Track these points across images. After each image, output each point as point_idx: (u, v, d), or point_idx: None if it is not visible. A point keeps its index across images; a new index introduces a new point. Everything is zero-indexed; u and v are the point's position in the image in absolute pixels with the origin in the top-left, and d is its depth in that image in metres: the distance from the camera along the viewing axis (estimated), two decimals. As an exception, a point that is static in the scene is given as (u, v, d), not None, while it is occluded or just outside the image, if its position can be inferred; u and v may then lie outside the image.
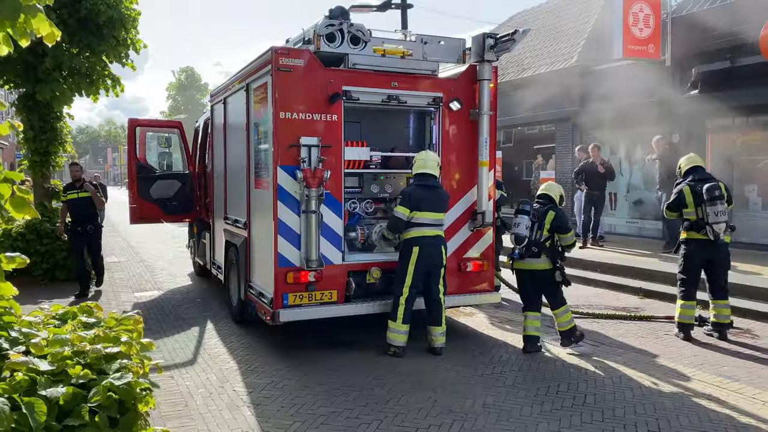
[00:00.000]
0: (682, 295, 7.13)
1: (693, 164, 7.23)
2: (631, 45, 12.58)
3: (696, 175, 7.12)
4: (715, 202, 6.76)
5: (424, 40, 6.86)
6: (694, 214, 7.01)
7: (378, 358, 6.24)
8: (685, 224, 7.13)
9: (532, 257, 6.43)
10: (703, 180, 7.01)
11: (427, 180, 6.28)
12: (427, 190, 6.26)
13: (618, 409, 4.93)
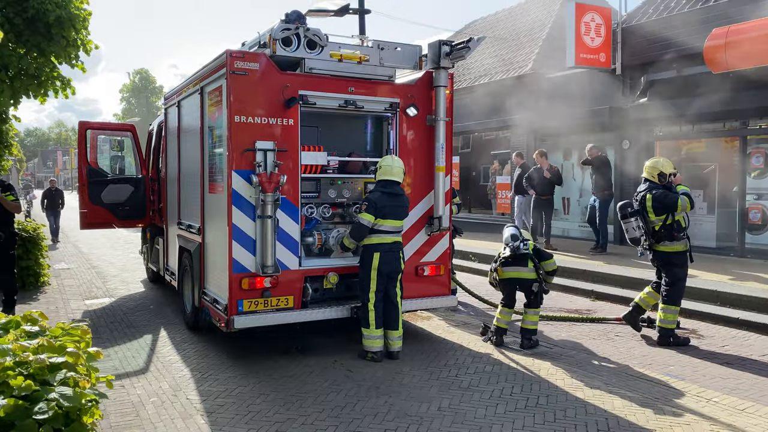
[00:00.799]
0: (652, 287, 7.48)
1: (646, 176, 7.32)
2: (584, 54, 12.92)
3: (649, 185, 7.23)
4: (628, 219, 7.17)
5: (380, 46, 6.89)
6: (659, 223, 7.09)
7: (334, 363, 6.23)
8: None
9: (518, 266, 6.88)
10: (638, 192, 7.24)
11: (392, 187, 6.30)
12: (392, 197, 6.28)
13: (569, 409, 5.03)
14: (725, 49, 10.22)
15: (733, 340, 7.21)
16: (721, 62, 10.32)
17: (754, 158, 11.37)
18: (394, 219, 6.28)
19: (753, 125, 11.31)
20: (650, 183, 7.22)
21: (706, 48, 10.50)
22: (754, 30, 9.96)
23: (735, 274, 9.66)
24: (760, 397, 5.43)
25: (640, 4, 13.73)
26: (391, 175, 6.31)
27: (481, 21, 21.84)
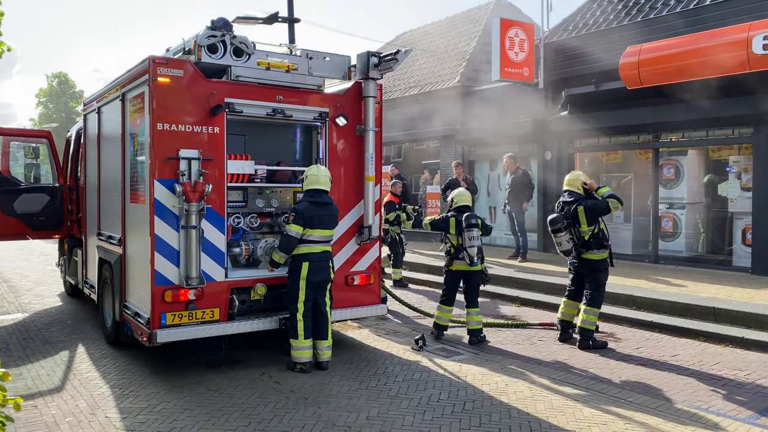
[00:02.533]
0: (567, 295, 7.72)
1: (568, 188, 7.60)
2: (508, 68, 13.35)
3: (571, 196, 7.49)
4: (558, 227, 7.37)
5: (309, 55, 6.88)
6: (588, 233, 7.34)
7: (262, 376, 6.13)
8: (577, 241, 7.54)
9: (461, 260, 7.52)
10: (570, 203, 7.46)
11: (320, 196, 6.27)
12: (320, 207, 6.25)
13: (494, 414, 5.15)
14: (638, 66, 10.82)
15: (647, 342, 7.59)
16: (635, 78, 10.91)
17: (665, 169, 12.06)
18: (322, 229, 6.25)
19: (665, 138, 11.99)
20: (576, 195, 7.51)
21: (621, 64, 11.07)
22: (665, 49, 10.60)
23: (649, 279, 10.18)
24: (671, 396, 5.74)
25: (561, 21, 14.34)
26: (318, 184, 6.29)
27: (410, 33, 22.19)
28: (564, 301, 7.68)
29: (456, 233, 7.50)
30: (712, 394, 5.77)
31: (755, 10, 9.82)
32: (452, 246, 7.58)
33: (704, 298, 8.62)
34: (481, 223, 7.59)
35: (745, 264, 10.66)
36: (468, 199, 7.84)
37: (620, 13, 12.90)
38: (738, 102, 10.11)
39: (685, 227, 11.86)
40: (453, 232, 7.52)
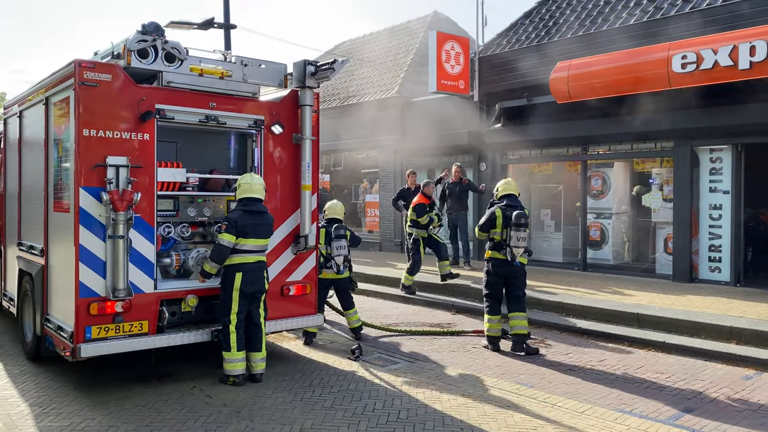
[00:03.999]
0: (488, 311, 7.76)
1: (508, 191, 7.88)
2: (444, 80, 13.59)
3: (509, 201, 7.78)
4: (520, 228, 7.47)
5: (244, 62, 6.80)
6: (499, 235, 7.64)
7: (193, 389, 5.97)
8: (489, 244, 7.78)
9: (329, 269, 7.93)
10: (514, 206, 7.68)
11: (253, 205, 6.18)
12: (254, 215, 6.15)
13: (428, 422, 5.19)
14: (568, 81, 11.24)
15: (575, 348, 7.84)
16: (565, 93, 11.33)
17: (593, 180, 12.55)
18: (256, 238, 6.16)
19: (592, 151, 12.48)
20: (516, 199, 7.86)
21: (551, 79, 11.47)
22: (592, 65, 11.06)
23: (578, 286, 10.54)
24: (597, 399, 5.95)
25: (495, 36, 14.73)
26: (252, 193, 6.20)
27: (349, 43, 22.27)
28: (489, 318, 7.79)
29: (326, 243, 7.89)
30: (636, 397, 6.01)
31: (675, 31, 10.38)
32: (322, 255, 7.85)
33: (629, 304, 9.00)
34: (350, 234, 8.19)
35: (667, 272, 11.20)
36: (339, 212, 8.32)
37: (551, 30, 13.37)
38: (660, 117, 10.64)
39: (612, 236, 12.36)
40: (322, 242, 7.82)
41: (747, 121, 9.71)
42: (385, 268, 13.33)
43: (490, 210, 7.78)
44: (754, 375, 6.63)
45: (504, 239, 7.60)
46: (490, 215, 7.72)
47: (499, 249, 7.66)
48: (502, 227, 7.62)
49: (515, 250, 7.50)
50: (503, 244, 7.60)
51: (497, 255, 7.68)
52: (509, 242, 7.51)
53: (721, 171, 10.54)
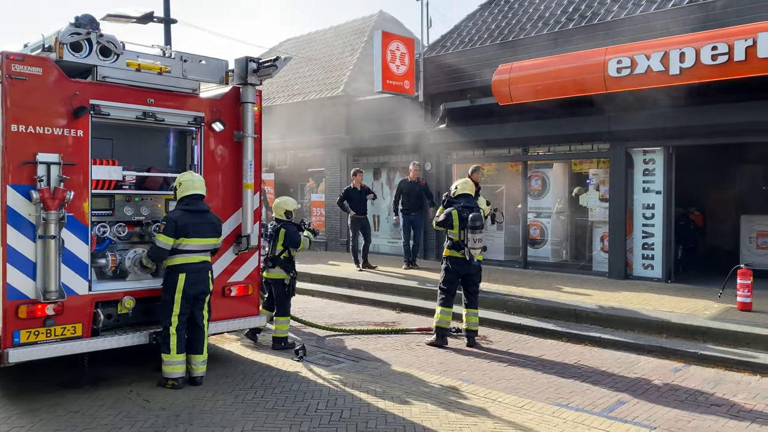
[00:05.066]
0: (442, 303, 7.88)
1: (465, 191, 8.03)
2: (390, 80, 13.66)
3: (465, 201, 7.92)
4: (476, 231, 7.66)
5: (184, 58, 6.64)
6: (457, 236, 7.79)
7: (129, 393, 5.79)
8: (448, 243, 7.91)
9: (270, 268, 7.57)
10: (470, 208, 7.84)
11: (196, 203, 6.03)
12: (195, 215, 6.01)
13: (371, 420, 5.21)
14: (509, 83, 11.48)
15: (516, 344, 8.03)
16: (506, 95, 11.57)
17: (533, 181, 12.86)
18: (199, 237, 6.01)
19: (533, 152, 12.79)
20: (473, 199, 8.06)
21: (493, 81, 11.69)
22: (532, 68, 11.33)
23: (519, 284, 10.79)
24: (536, 394, 6.11)
25: (440, 38, 14.90)
26: (195, 189, 6.07)
27: (294, 40, 22.08)
28: (442, 309, 7.92)
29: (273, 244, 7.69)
30: (573, 391, 6.20)
31: (611, 36, 10.75)
32: None
33: (567, 300, 9.27)
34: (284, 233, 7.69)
35: (603, 269, 11.59)
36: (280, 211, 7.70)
37: (494, 33, 13.63)
38: (596, 120, 11.00)
39: (551, 235, 12.70)
40: (280, 243, 7.61)
41: (677, 124, 10.15)
42: (331, 267, 13.29)
43: (447, 210, 7.89)
44: (682, 367, 6.94)
45: (462, 240, 7.74)
46: (447, 216, 7.84)
47: (457, 249, 7.82)
48: (459, 228, 7.76)
49: (473, 251, 7.70)
50: (461, 244, 7.75)
51: (456, 254, 7.83)
52: (467, 243, 7.68)
53: (653, 172, 10.99)
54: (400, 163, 15.25)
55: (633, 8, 11.24)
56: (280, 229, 7.54)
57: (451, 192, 8.17)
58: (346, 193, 13.00)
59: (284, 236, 7.51)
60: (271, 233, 7.62)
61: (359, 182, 13.04)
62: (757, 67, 8.82)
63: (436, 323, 7.91)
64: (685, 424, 5.29)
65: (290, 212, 7.75)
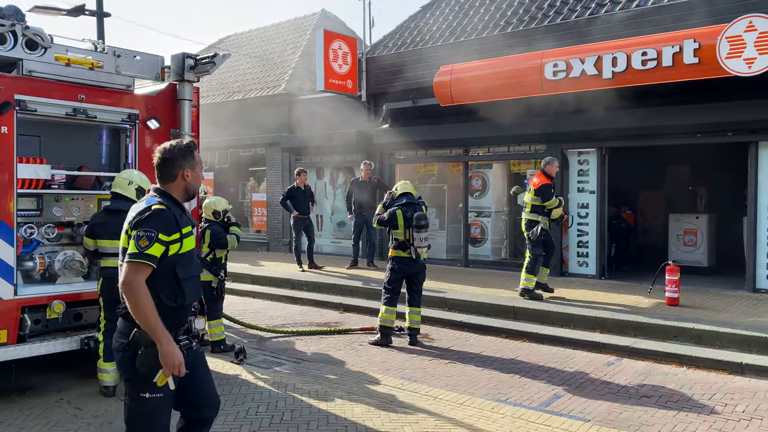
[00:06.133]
0: (387, 302, 7.90)
1: (405, 190, 8.13)
2: (332, 79, 13.62)
3: (406, 199, 8.00)
4: (422, 230, 7.74)
5: (117, 53, 6.41)
6: (402, 236, 7.85)
7: (59, 402, 5.55)
8: (394, 243, 7.94)
9: None
10: (413, 205, 7.93)
11: (116, 202, 5.78)
12: (109, 214, 5.69)
13: (313, 422, 5.17)
14: (450, 84, 11.64)
15: (457, 341, 8.14)
16: (447, 96, 11.72)
17: (474, 181, 13.08)
18: (111, 239, 5.58)
19: (473, 152, 13.00)
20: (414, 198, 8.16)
21: (434, 83, 11.83)
22: (472, 70, 11.53)
23: (460, 282, 10.94)
24: (476, 390, 6.21)
25: (382, 38, 14.96)
26: (115, 188, 5.81)
27: (234, 37, 21.70)
28: (386, 308, 7.95)
29: None
30: (511, 387, 6.34)
31: (547, 40, 11.05)
32: None
33: (506, 298, 9.47)
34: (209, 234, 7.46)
35: (541, 266, 11.89)
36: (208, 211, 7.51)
37: (435, 34, 13.79)
38: (533, 121, 11.28)
39: (491, 234, 12.96)
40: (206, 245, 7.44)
41: (610, 126, 10.53)
42: (273, 268, 13.13)
43: (392, 210, 7.93)
44: (615, 361, 7.20)
45: (407, 239, 7.79)
46: (391, 215, 7.88)
47: (403, 248, 7.86)
48: (404, 228, 7.81)
49: (419, 250, 7.78)
50: (407, 243, 7.79)
51: (402, 254, 7.88)
52: (413, 242, 7.75)
53: (588, 172, 11.37)
54: (343, 162, 15.23)
55: (569, 14, 11.59)
56: (206, 230, 7.35)
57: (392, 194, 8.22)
58: (289, 192, 12.87)
59: (210, 237, 7.32)
60: None
61: (303, 182, 12.95)
62: (683, 73, 9.26)
63: (380, 322, 7.94)
64: (617, 416, 5.49)
65: (219, 212, 7.54)
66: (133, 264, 3.13)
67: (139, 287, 3.12)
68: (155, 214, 3.20)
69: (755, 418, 5.38)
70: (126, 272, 3.14)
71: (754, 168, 9.62)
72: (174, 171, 3.36)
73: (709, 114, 9.61)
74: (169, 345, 3.11)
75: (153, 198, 3.32)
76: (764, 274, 9.57)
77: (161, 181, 3.40)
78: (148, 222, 3.17)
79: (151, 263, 3.15)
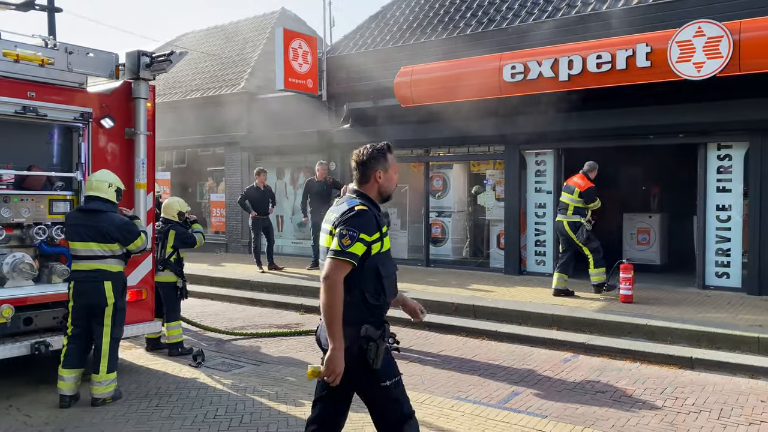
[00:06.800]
0: None
1: None
2: (292, 78, 13.52)
3: None
4: None
5: (69, 50, 6.25)
6: None
7: (9, 409, 5.37)
8: None
9: (159, 272, 7.15)
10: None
11: (88, 203, 5.59)
12: (87, 215, 5.54)
13: (272, 424, 5.13)
14: (410, 85, 11.69)
15: (418, 340, 8.19)
16: (408, 97, 11.78)
17: (435, 181, 13.18)
18: (81, 241, 5.50)
19: (434, 153, 13.10)
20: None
21: (395, 83, 11.87)
22: (432, 71, 11.60)
23: (421, 282, 11.01)
24: (436, 389, 6.26)
25: (342, 38, 14.93)
26: (88, 190, 5.64)
27: (192, 35, 21.33)
28: None
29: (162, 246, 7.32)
30: (471, 385, 6.41)
31: (505, 42, 11.21)
32: None
33: (466, 297, 9.57)
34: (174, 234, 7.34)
35: (500, 265, 12.07)
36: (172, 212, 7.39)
37: (396, 34, 13.83)
38: (492, 123, 11.42)
39: (452, 233, 13.08)
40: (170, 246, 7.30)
41: (566, 128, 10.74)
42: (232, 270, 12.97)
43: None
44: (571, 357, 7.36)
45: None
46: None
47: None
48: None
49: None
50: None
51: None
52: None
53: (545, 173, 11.57)
54: (304, 162, 15.13)
55: (526, 17, 11.78)
56: (169, 230, 7.25)
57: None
58: (247, 192, 12.73)
59: (174, 237, 7.23)
60: (158, 235, 7.23)
61: (262, 182, 12.81)
62: (636, 76, 9.51)
63: None
64: (573, 411, 5.61)
65: (183, 213, 7.41)
66: (335, 261, 3.21)
67: (338, 284, 3.20)
68: (358, 214, 3.31)
69: (704, 410, 5.57)
70: (327, 268, 3.22)
71: (703, 169, 9.95)
72: (368, 173, 3.50)
73: (662, 116, 9.90)
74: (340, 352, 3.19)
75: (354, 199, 3.44)
76: (713, 271, 9.91)
77: (359, 183, 3.54)
78: (351, 222, 3.28)
79: (352, 261, 3.23)
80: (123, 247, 5.60)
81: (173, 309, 7.29)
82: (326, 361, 3.17)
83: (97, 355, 5.60)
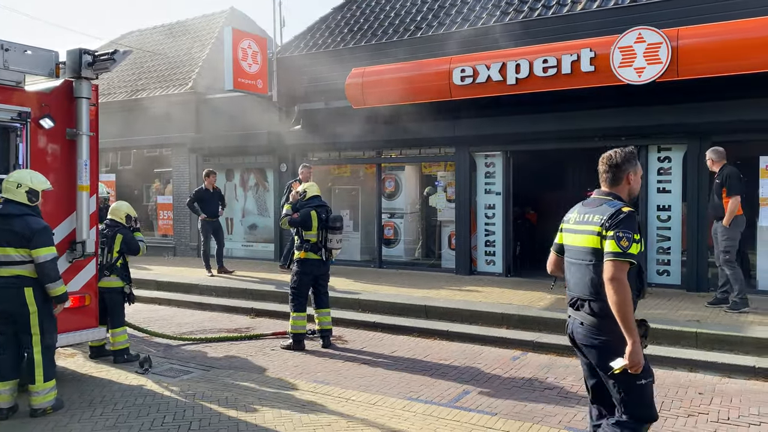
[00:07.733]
0: (296, 308, 7.82)
1: (315, 193, 8.10)
2: (241, 78, 13.34)
3: (317, 202, 7.98)
4: (337, 231, 7.82)
5: (5, 47, 5.99)
6: (315, 237, 7.81)
7: (-59, 423, 5.11)
8: (306, 245, 7.84)
9: (105, 277, 6.97)
10: (324, 207, 7.94)
11: (5, 206, 5.38)
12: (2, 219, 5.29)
13: (222, 429, 5.05)
14: (362, 87, 11.70)
15: (370, 342, 8.20)
16: (359, 99, 11.78)
17: (387, 183, 13.22)
18: (1, 246, 5.20)
19: (386, 155, 13.14)
20: (323, 200, 8.12)
21: (346, 85, 11.86)
22: (384, 73, 11.63)
23: (373, 283, 11.03)
24: (388, 390, 6.28)
25: (293, 38, 14.81)
26: (3, 192, 5.40)
27: (138, 33, 20.78)
28: (297, 315, 7.86)
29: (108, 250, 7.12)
30: (422, 385, 6.46)
31: (456, 46, 11.35)
32: None
33: (418, 297, 9.64)
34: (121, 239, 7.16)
35: (451, 266, 12.21)
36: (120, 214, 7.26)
37: (347, 36, 13.82)
38: (443, 125, 11.56)
39: (404, 234, 13.15)
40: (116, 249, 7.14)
41: (515, 130, 10.96)
42: (180, 273, 12.69)
43: (305, 211, 7.86)
44: (520, 355, 7.50)
45: (320, 240, 7.76)
46: (305, 216, 7.81)
47: (315, 251, 7.82)
48: (318, 229, 7.77)
49: (334, 251, 7.90)
50: (319, 245, 7.77)
51: (313, 256, 7.83)
52: (326, 244, 7.78)
53: (494, 174, 11.77)
54: (254, 163, 14.96)
55: (475, 20, 11.95)
56: (117, 235, 7.08)
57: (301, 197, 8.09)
58: (197, 194, 12.48)
59: (121, 242, 7.09)
60: (104, 239, 7.01)
61: (212, 183, 12.59)
62: (580, 80, 9.77)
63: (292, 330, 7.85)
64: (522, 409, 5.73)
65: (131, 217, 7.29)
66: (619, 262, 3.41)
67: (627, 284, 3.39)
68: (630, 216, 3.51)
69: (646, 404, 5.76)
70: (612, 270, 3.40)
71: (644, 171, 10.31)
72: (620, 175, 3.71)
73: (606, 119, 10.20)
74: (638, 345, 3.41)
75: (615, 201, 3.63)
76: (654, 269, 10.28)
77: (610, 185, 3.75)
78: (625, 224, 3.48)
79: (633, 261, 3.45)
80: None
81: (118, 314, 7.11)
82: (629, 354, 3.38)
83: (30, 364, 5.36)
